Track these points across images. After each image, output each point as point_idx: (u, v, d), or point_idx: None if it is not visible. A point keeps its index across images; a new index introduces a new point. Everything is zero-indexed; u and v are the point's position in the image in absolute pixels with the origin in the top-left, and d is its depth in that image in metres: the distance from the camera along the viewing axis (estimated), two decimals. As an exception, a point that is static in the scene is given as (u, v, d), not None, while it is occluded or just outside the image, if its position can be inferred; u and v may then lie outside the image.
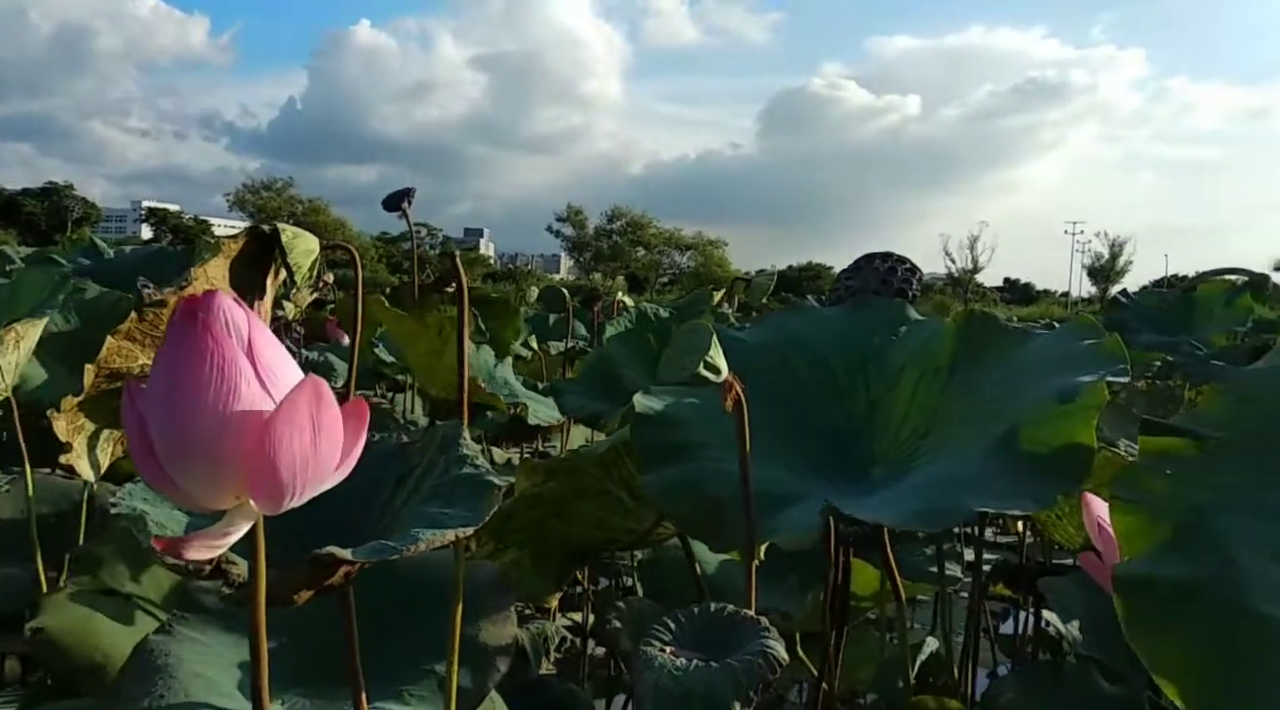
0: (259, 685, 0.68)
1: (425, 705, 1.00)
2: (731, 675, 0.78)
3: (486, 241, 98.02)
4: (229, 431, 0.56)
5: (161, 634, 0.99)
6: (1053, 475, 0.91)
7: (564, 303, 3.20)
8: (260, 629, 0.66)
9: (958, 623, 1.90)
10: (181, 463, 0.57)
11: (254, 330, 0.59)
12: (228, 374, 0.56)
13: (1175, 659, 0.61)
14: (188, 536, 0.61)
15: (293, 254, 1.51)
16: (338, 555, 0.73)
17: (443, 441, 0.93)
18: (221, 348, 0.57)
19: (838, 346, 1.23)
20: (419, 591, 1.14)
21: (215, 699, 0.92)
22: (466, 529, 0.79)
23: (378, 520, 0.91)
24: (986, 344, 1.15)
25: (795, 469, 1.10)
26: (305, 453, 0.58)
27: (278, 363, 0.59)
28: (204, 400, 0.56)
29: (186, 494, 0.59)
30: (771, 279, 2.50)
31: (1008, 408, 1.00)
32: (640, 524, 1.37)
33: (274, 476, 0.57)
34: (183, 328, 0.57)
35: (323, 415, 0.58)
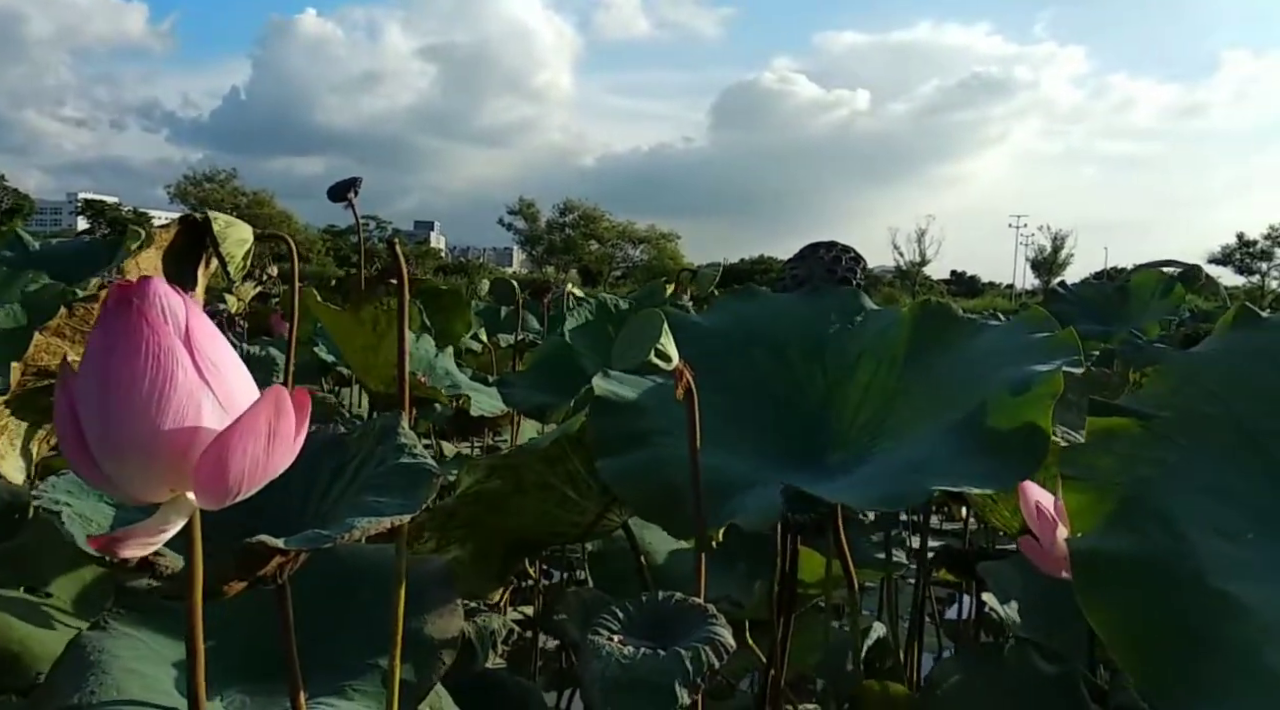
0: (195, 682, 0.66)
1: (369, 700, 0.98)
2: (678, 663, 0.78)
3: (437, 235, 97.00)
4: (166, 422, 0.55)
5: (95, 630, 0.96)
6: (1013, 458, 0.94)
7: (514, 295, 3.18)
8: (197, 624, 0.64)
9: (905, 609, 1.93)
10: (115, 454, 0.56)
11: (192, 317, 0.57)
12: (164, 363, 0.55)
13: (1127, 630, 0.63)
14: (123, 533, 0.59)
15: (225, 243, 1.48)
16: (269, 544, 0.71)
17: (380, 432, 0.92)
18: (158, 335, 0.55)
19: (795, 333, 1.25)
20: (364, 586, 1.12)
21: (150, 696, 0.90)
22: (403, 517, 0.78)
23: (314, 511, 0.89)
24: (942, 334, 1.17)
25: (752, 455, 1.10)
26: (258, 459, 0.57)
27: (217, 352, 0.58)
28: (139, 390, 0.54)
29: (119, 486, 0.57)
30: (718, 271, 2.51)
31: (966, 395, 1.02)
32: (584, 517, 1.37)
33: (223, 480, 0.57)
34: (117, 315, 0.55)
35: (280, 424, 0.57)
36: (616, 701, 0.78)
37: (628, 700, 0.78)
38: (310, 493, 0.91)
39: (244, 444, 0.56)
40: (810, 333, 1.25)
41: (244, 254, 1.54)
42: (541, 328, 4.14)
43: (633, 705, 0.78)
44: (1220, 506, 0.70)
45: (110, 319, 0.56)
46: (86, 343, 0.57)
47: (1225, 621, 0.62)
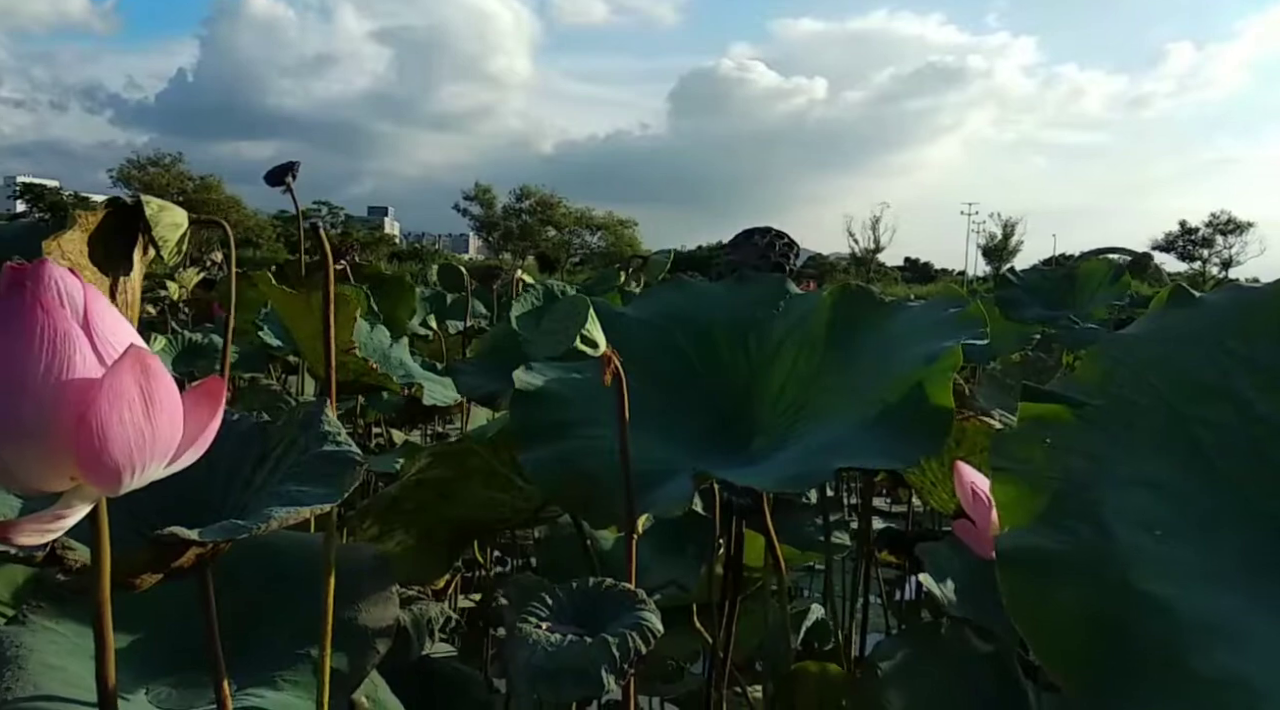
0: (105, 675, 0.64)
1: (298, 690, 0.97)
2: (605, 649, 0.78)
3: (391, 220, 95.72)
4: (62, 409, 0.53)
5: (14, 624, 0.94)
6: (915, 436, 0.93)
7: (462, 282, 3.14)
8: (104, 616, 0.63)
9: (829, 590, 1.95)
10: (9, 443, 0.53)
11: (90, 300, 0.55)
12: (59, 348, 0.53)
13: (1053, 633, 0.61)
14: (17, 521, 0.57)
15: (158, 227, 1.44)
16: (182, 535, 0.70)
17: (304, 419, 0.90)
18: (53, 319, 0.53)
19: (721, 320, 1.24)
20: (296, 575, 1.10)
21: (68, 690, 0.87)
22: (324, 506, 0.76)
23: (235, 500, 0.87)
24: (861, 316, 1.17)
25: (676, 443, 1.10)
26: (140, 427, 0.54)
27: (119, 335, 0.56)
28: (33, 376, 0.52)
29: (16, 475, 0.55)
30: (669, 257, 2.50)
31: (877, 376, 1.02)
32: (530, 503, 1.36)
33: (106, 453, 0.54)
34: (8, 299, 0.53)
35: (153, 386, 0.54)
36: (541, 689, 0.77)
37: (553, 687, 0.77)
38: (233, 482, 0.89)
39: (116, 410, 0.53)
40: (735, 319, 1.25)
41: (179, 238, 1.50)
42: (489, 314, 4.10)
43: (558, 692, 0.78)
44: (1149, 500, 0.68)
45: (2, 303, 0.54)
46: None
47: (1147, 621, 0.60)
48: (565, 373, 1.16)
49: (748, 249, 1.36)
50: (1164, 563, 0.64)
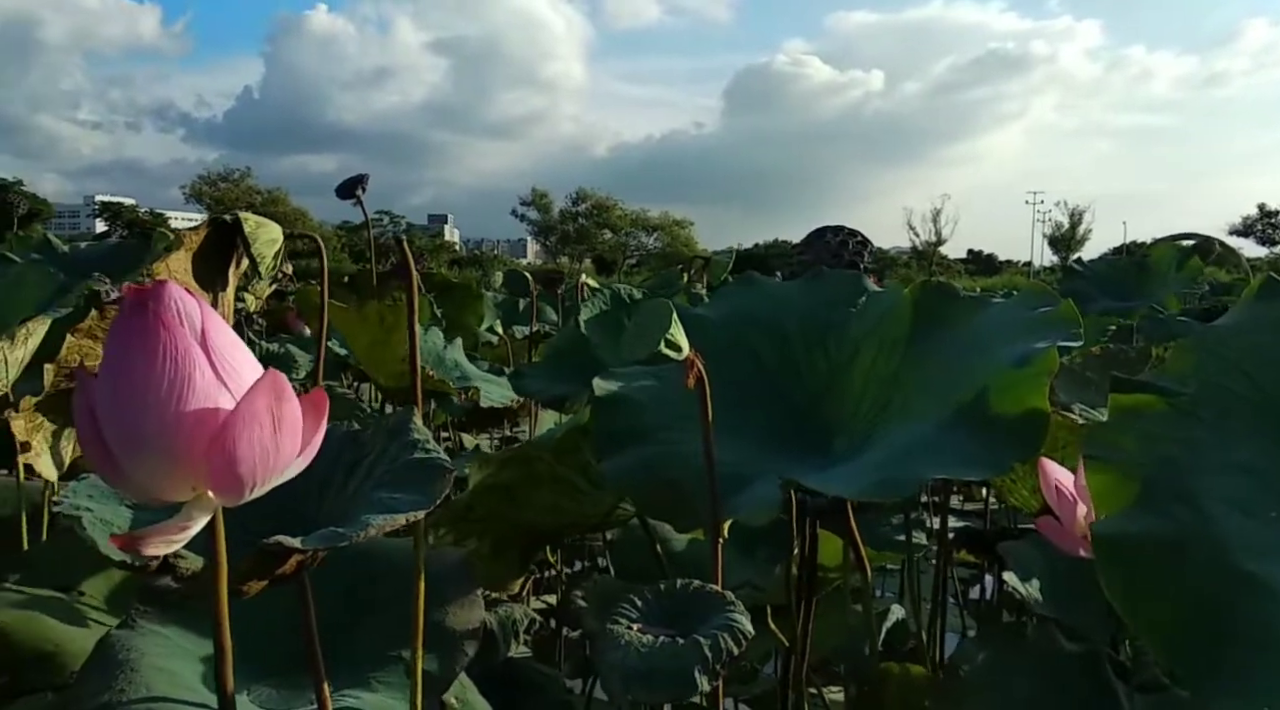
0: (224, 678, 0.67)
1: (392, 691, 0.99)
2: (697, 651, 0.79)
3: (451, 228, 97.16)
4: (184, 424, 0.56)
5: (123, 628, 0.98)
6: (1009, 441, 0.92)
7: (528, 287, 3.18)
8: (223, 622, 0.65)
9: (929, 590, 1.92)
10: (135, 456, 0.56)
11: (207, 319, 0.58)
12: (181, 365, 0.56)
13: (1155, 615, 0.63)
14: (145, 531, 0.60)
15: (256, 244, 1.49)
16: (286, 544, 0.72)
17: (393, 427, 0.92)
18: (174, 338, 0.56)
19: (796, 321, 1.24)
20: (384, 579, 1.13)
21: (177, 692, 0.91)
22: (417, 512, 0.78)
23: (330, 508, 0.90)
24: (943, 314, 1.16)
25: (755, 446, 1.10)
26: (266, 446, 0.57)
27: (233, 353, 0.58)
28: (157, 393, 0.55)
29: (141, 487, 0.58)
30: (730, 257, 2.50)
31: (964, 376, 1.01)
32: (598, 508, 1.37)
33: (234, 471, 0.57)
34: (132, 319, 0.56)
35: (283, 409, 0.58)
36: (635, 690, 0.78)
37: (646, 689, 0.78)
38: (326, 490, 0.91)
39: (248, 431, 0.56)
40: (811, 319, 1.25)
41: (274, 253, 1.55)
42: (558, 318, 4.14)
43: (651, 694, 0.79)
44: (1245, 484, 0.69)
45: (126, 323, 0.57)
46: (105, 346, 0.57)
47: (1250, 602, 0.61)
48: (643, 378, 1.17)
49: (820, 247, 1.35)
50: (1264, 544, 0.64)
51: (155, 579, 0.91)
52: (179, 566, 0.75)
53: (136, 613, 1.01)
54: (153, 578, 0.78)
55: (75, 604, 1.43)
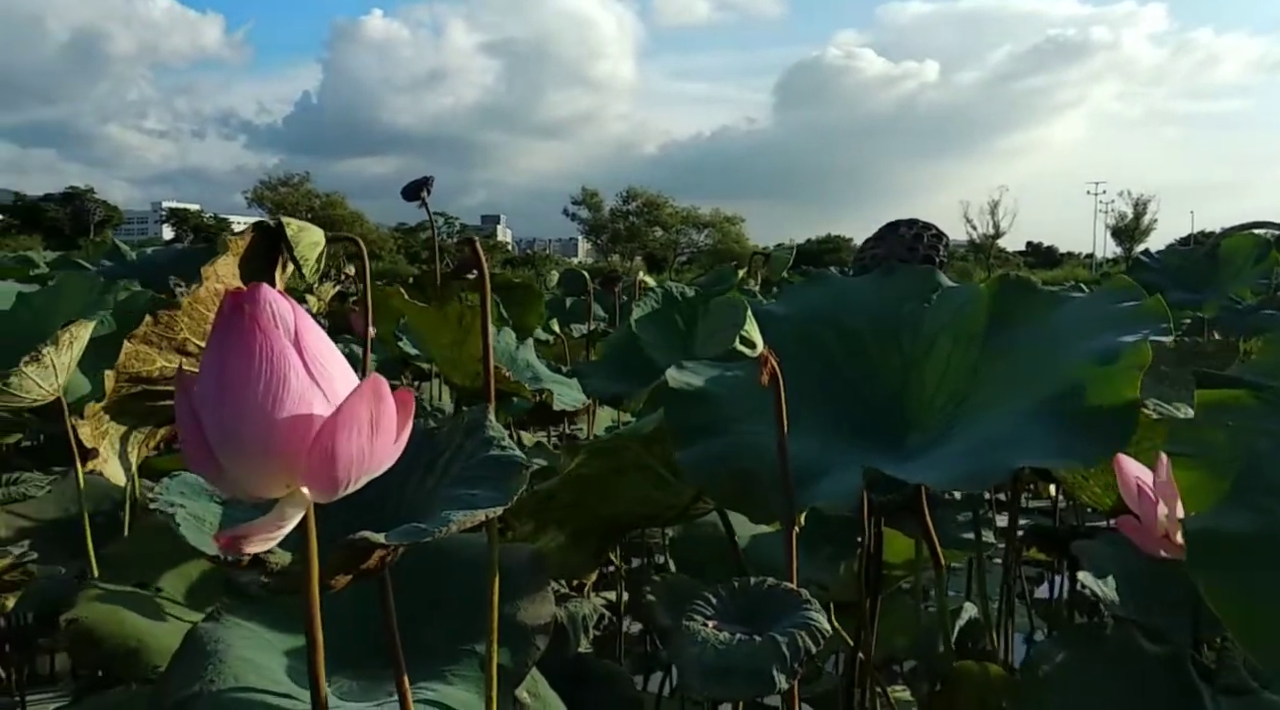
0: (316, 671, 0.69)
1: (468, 684, 1.01)
2: (775, 648, 0.78)
3: (503, 228, 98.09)
4: (280, 423, 0.57)
5: (209, 621, 1.01)
6: (1098, 433, 0.90)
7: (584, 285, 3.20)
8: (314, 615, 0.67)
9: (991, 589, 1.89)
10: (234, 454, 0.58)
11: (300, 321, 0.59)
12: (276, 366, 0.57)
13: (1248, 614, 0.61)
14: (245, 529, 0.61)
15: (299, 247, 1.52)
16: (372, 539, 0.74)
17: (469, 425, 0.94)
18: (269, 340, 0.57)
19: (868, 316, 1.23)
20: (455, 574, 1.15)
21: (262, 683, 0.94)
22: (496, 509, 0.79)
23: (409, 505, 0.92)
24: (1022, 308, 1.14)
25: (829, 439, 1.10)
26: (363, 447, 0.59)
27: (324, 353, 0.60)
28: (254, 393, 0.57)
29: (239, 484, 0.59)
30: (790, 253, 2.48)
31: (1048, 370, 0.99)
32: (680, 499, 1.38)
33: (332, 470, 0.59)
34: (230, 321, 0.57)
35: (381, 411, 0.59)
36: (713, 687, 0.79)
37: (724, 686, 0.78)
38: (404, 487, 0.93)
39: (348, 433, 0.58)
40: (884, 315, 1.24)
41: (317, 256, 1.58)
42: (606, 315, 4.16)
43: (729, 691, 0.79)
44: None
45: (224, 325, 0.58)
46: (206, 347, 0.59)
47: None
48: (717, 371, 1.17)
49: (893, 242, 1.34)
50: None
51: (246, 574, 0.94)
52: (269, 561, 0.77)
53: (221, 606, 1.05)
54: (244, 573, 0.80)
55: (155, 600, 1.48)
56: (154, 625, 1.37)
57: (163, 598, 1.48)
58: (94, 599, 1.37)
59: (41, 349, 1.56)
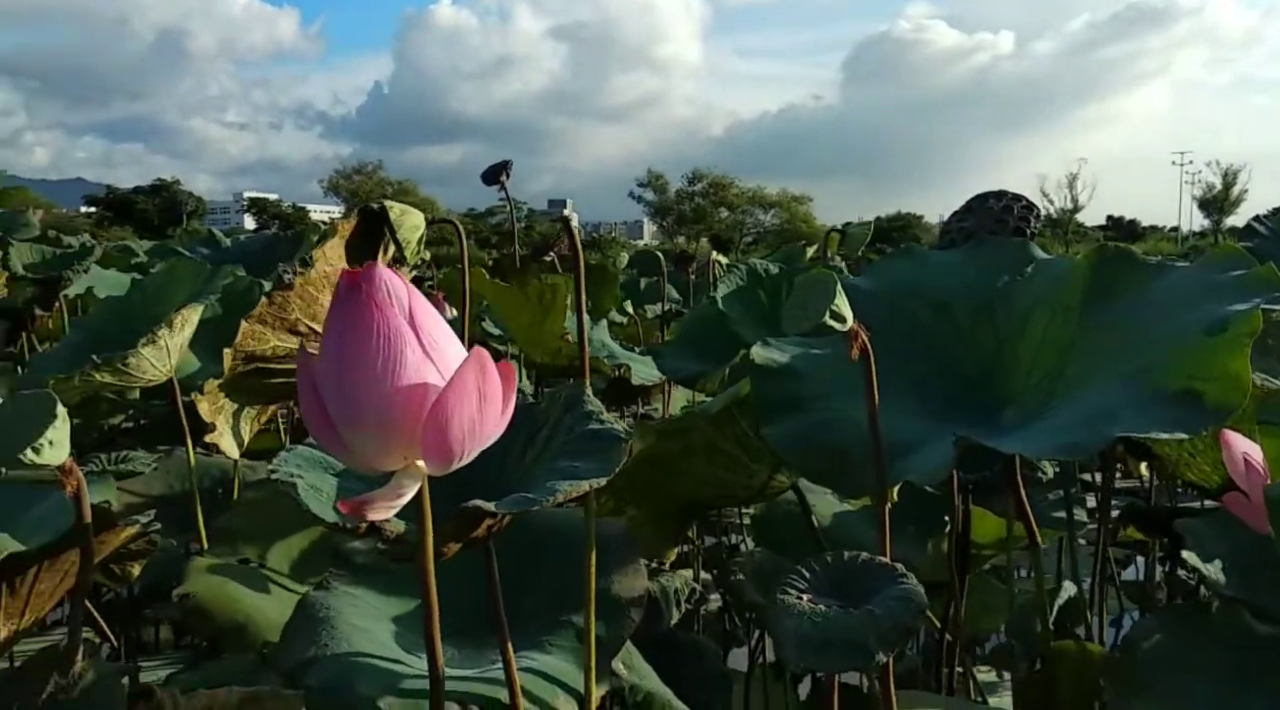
0: (432, 634, 0.72)
1: (565, 654, 1.04)
2: (873, 621, 0.79)
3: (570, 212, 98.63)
4: (398, 398, 0.60)
5: (320, 590, 1.06)
6: (1205, 404, 0.88)
7: (658, 266, 3.21)
8: (430, 582, 0.70)
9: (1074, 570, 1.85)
10: (355, 428, 0.61)
11: (413, 298, 0.62)
12: (393, 342, 0.60)
13: None
14: (369, 497, 0.64)
15: (401, 230, 1.56)
16: (484, 508, 0.77)
17: (567, 401, 0.96)
18: (386, 317, 0.60)
19: (960, 290, 1.21)
20: (549, 547, 1.18)
21: (373, 648, 0.98)
22: (599, 479, 0.81)
23: (511, 477, 0.94)
24: (1122, 279, 1.11)
25: (920, 415, 1.09)
26: (474, 419, 0.61)
27: (436, 329, 0.62)
28: (373, 369, 0.59)
29: (359, 457, 0.62)
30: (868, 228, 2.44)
31: (1152, 341, 0.97)
32: (755, 479, 1.38)
33: (446, 443, 0.61)
34: (347, 299, 0.60)
35: (488, 384, 0.61)
36: (810, 659, 0.79)
37: (822, 658, 0.79)
38: (505, 461, 0.96)
39: (458, 406, 0.60)
40: (976, 289, 1.22)
41: (418, 239, 1.63)
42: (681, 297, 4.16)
43: (827, 663, 0.79)
44: None
45: (342, 304, 0.61)
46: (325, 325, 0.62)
47: None
48: (802, 348, 1.17)
49: (982, 214, 1.31)
50: None
51: (363, 541, 0.98)
52: (384, 529, 0.80)
53: (330, 576, 1.09)
54: (360, 540, 0.84)
55: (260, 573, 1.54)
56: (261, 599, 1.43)
57: (267, 570, 1.54)
58: (204, 572, 1.44)
59: (157, 331, 1.64)
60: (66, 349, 2.06)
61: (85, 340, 2.05)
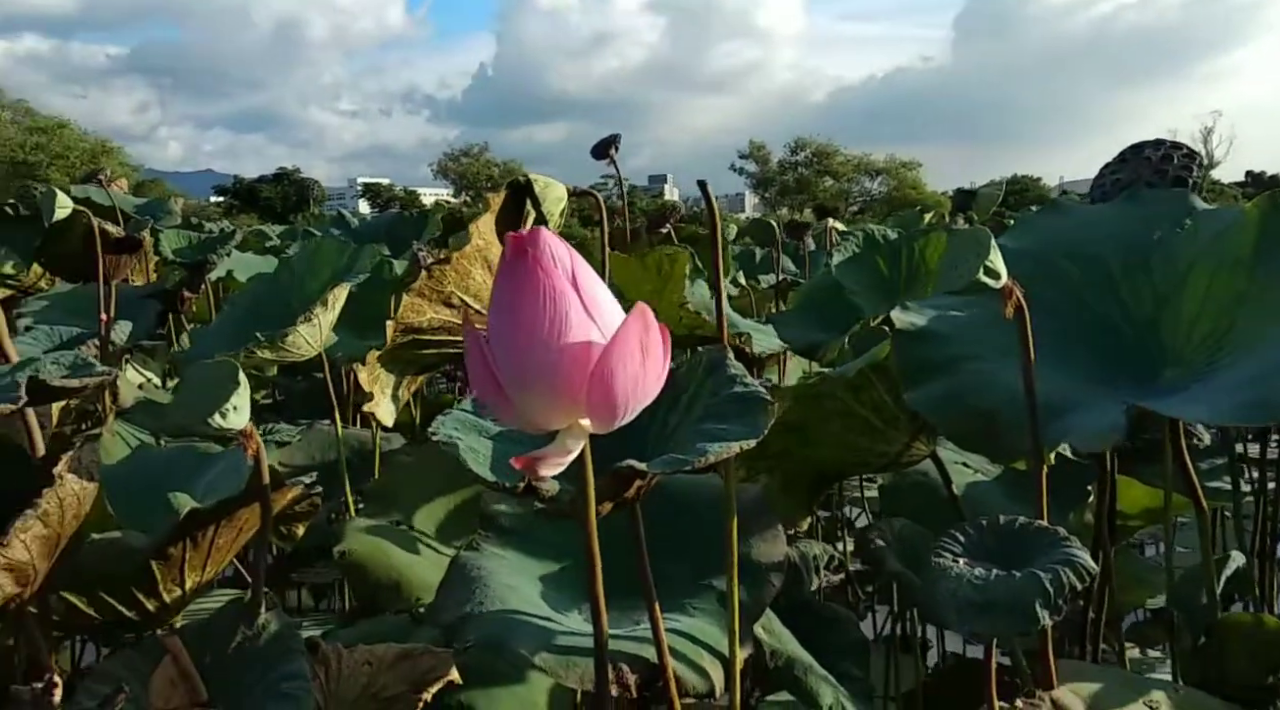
0: (596, 593, 0.74)
1: (708, 618, 1.05)
2: (1037, 584, 0.76)
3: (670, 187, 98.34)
4: (564, 357, 0.61)
5: (470, 551, 1.10)
6: None
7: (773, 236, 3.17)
8: (593, 539, 0.72)
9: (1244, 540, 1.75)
10: (523, 389, 0.62)
11: (575, 262, 0.63)
12: (559, 304, 0.61)
13: None
14: (539, 453, 0.66)
15: (545, 202, 1.59)
16: (636, 467, 0.78)
17: (709, 365, 0.96)
18: (551, 279, 0.61)
19: (1114, 245, 1.15)
20: (686, 512, 1.19)
21: (524, 606, 1.01)
22: (749, 441, 0.81)
23: (655, 440, 0.95)
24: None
25: (1074, 376, 1.04)
26: (637, 376, 0.62)
27: (598, 292, 0.63)
28: (540, 330, 0.61)
29: (526, 416, 0.64)
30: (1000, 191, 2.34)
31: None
32: (891, 446, 1.36)
33: (610, 401, 0.62)
34: (515, 263, 0.61)
35: (650, 340, 0.62)
36: (972, 621, 0.78)
37: (985, 621, 0.77)
38: (650, 423, 0.97)
39: (623, 360, 0.61)
40: (1132, 243, 1.15)
41: (560, 211, 1.65)
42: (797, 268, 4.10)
43: (990, 626, 0.78)
44: None
45: (509, 268, 0.63)
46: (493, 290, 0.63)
47: None
48: (944, 309, 1.14)
49: (1138, 164, 1.24)
50: None
51: (511, 504, 1.01)
52: (540, 489, 0.82)
53: (480, 537, 1.13)
54: (521, 498, 0.86)
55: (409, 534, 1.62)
56: (412, 558, 1.50)
57: (415, 533, 1.62)
58: (360, 532, 1.52)
59: (312, 309, 1.73)
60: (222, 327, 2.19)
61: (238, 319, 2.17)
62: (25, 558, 0.75)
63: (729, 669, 1.00)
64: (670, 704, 0.95)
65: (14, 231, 2.88)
